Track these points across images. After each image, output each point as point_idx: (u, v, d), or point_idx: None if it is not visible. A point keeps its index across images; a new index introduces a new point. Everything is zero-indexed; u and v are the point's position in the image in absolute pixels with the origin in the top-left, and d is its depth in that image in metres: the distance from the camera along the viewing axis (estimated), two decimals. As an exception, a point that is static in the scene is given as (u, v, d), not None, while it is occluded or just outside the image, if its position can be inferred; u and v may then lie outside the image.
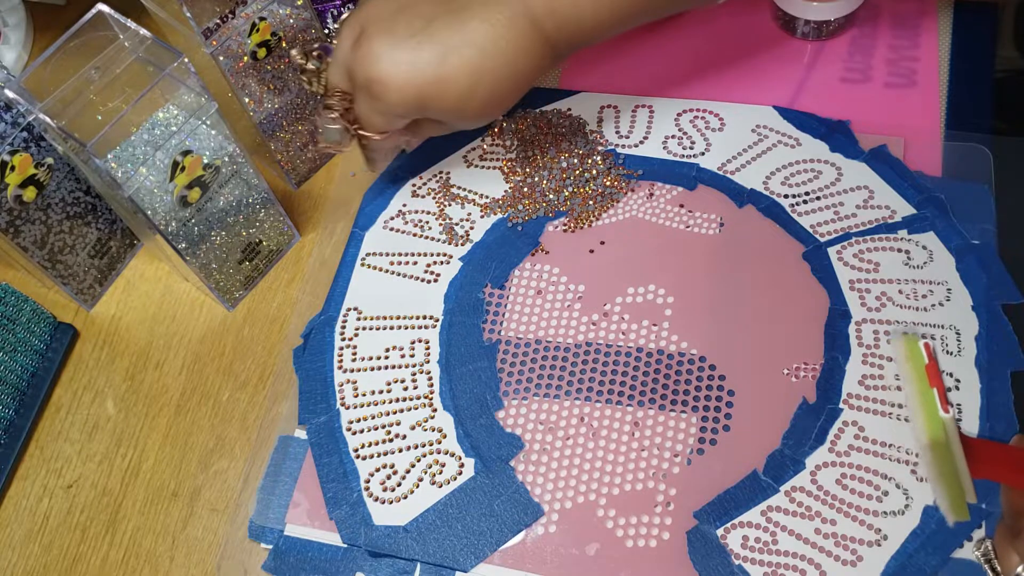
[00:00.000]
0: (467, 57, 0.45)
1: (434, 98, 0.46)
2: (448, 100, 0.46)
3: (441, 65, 0.45)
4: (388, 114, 0.48)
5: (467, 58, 0.45)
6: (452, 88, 0.45)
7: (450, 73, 0.45)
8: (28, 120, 0.50)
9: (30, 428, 0.54)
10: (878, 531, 0.44)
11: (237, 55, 0.52)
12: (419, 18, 0.45)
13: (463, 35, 0.45)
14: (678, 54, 0.62)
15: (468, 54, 0.45)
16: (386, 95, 0.46)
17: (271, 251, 0.58)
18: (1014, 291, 0.49)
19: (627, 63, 0.62)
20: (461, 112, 0.47)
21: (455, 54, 0.45)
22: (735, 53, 0.61)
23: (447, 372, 0.52)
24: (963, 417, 0.46)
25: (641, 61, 0.62)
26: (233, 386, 0.55)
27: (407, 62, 0.45)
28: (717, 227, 0.54)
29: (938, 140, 0.55)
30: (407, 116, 0.49)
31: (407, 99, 0.46)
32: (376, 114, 0.48)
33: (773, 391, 0.49)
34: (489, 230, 0.57)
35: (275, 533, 0.48)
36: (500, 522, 0.47)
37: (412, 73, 0.45)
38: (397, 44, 0.45)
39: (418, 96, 0.46)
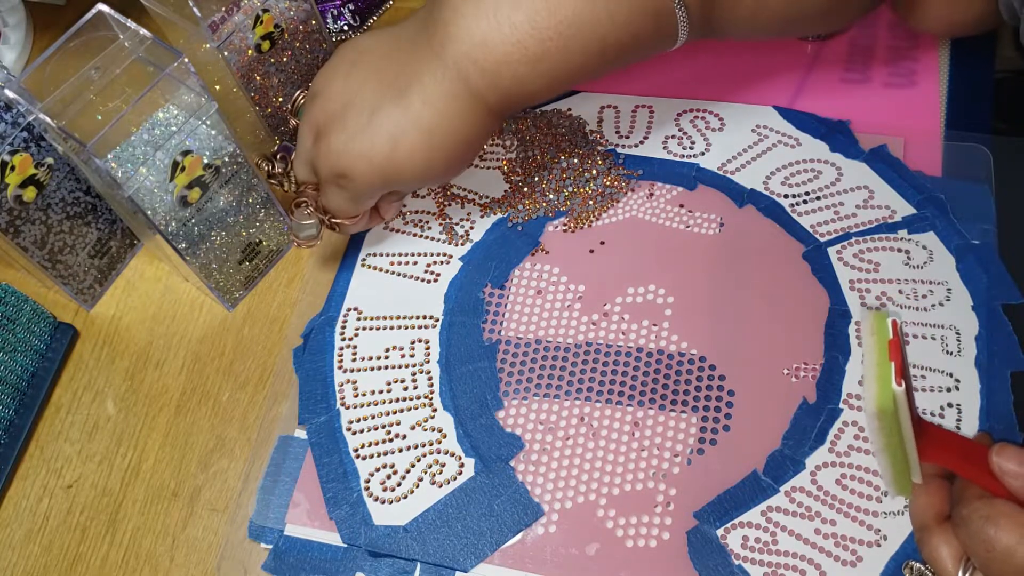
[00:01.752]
0: (415, 140, 0.47)
1: (396, 177, 0.48)
2: (408, 176, 0.48)
3: (394, 152, 0.47)
4: (357, 199, 0.51)
5: (415, 141, 0.47)
6: (408, 168, 0.48)
7: (403, 157, 0.47)
8: (28, 120, 0.50)
9: (30, 428, 0.54)
10: (878, 531, 0.44)
11: (241, 49, 0.52)
12: (366, 109, 0.47)
13: (408, 120, 0.47)
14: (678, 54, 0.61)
15: (415, 138, 0.47)
16: (352, 185, 0.49)
17: (271, 251, 0.58)
18: (1014, 291, 0.49)
19: (627, 63, 0.62)
20: (423, 181, 0.50)
21: (404, 139, 0.47)
22: (735, 53, 0.61)
23: (447, 372, 0.52)
24: (963, 417, 0.46)
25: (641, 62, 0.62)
26: (233, 386, 0.55)
27: (364, 153, 0.47)
28: (717, 227, 0.54)
29: (938, 140, 0.55)
30: (375, 196, 0.51)
31: (372, 184, 0.49)
32: (346, 201, 0.51)
33: (773, 391, 0.49)
34: (489, 230, 0.57)
35: (275, 533, 0.48)
36: (500, 522, 0.47)
37: (370, 162, 0.47)
38: (352, 138, 0.47)
39: (382, 179, 0.48)
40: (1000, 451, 0.37)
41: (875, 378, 0.36)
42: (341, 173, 0.48)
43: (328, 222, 0.53)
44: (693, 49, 0.61)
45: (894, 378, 0.35)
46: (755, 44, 0.61)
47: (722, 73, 0.60)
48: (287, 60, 0.55)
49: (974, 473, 0.37)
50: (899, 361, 0.35)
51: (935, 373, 0.48)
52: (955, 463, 0.38)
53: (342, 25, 0.67)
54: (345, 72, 0.49)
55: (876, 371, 0.36)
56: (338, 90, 0.49)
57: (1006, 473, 0.36)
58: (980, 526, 0.36)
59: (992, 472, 0.37)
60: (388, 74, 0.48)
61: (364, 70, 0.49)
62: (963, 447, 0.38)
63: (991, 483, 0.37)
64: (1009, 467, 0.36)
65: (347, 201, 0.51)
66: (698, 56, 0.61)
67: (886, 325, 0.37)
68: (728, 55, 0.61)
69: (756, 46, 0.61)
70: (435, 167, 0.48)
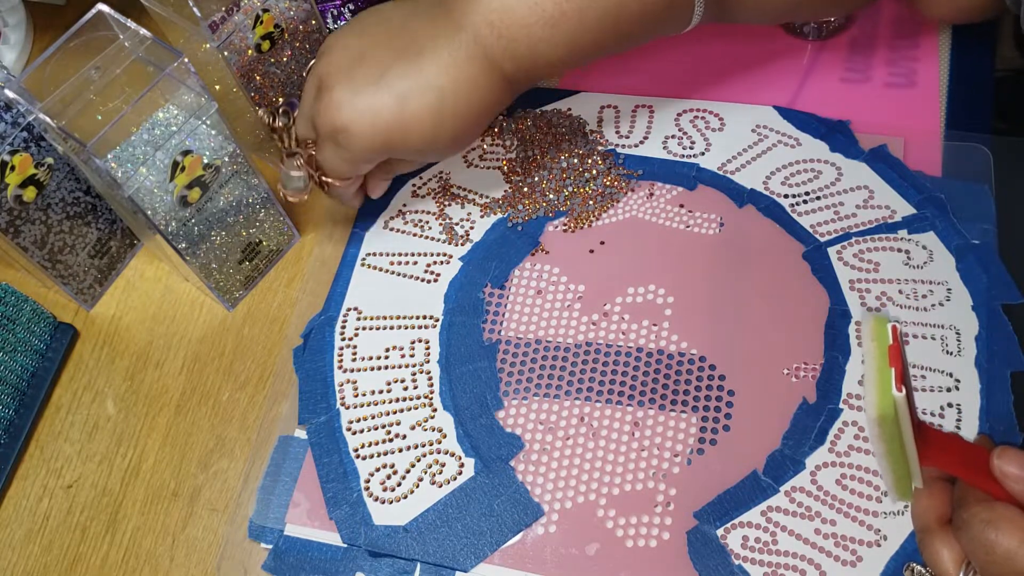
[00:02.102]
0: (427, 100, 0.46)
1: (399, 141, 0.47)
2: (413, 142, 0.47)
3: (402, 110, 0.46)
4: (354, 160, 0.49)
5: (427, 101, 0.46)
6: (415, 130, 0.47)
7: (412, 117, 0.46)
8: (28, 120, 0.50)
9: (30, 428, 0.54)
10: (878, 531, 0.44)
11: (241, 49, 0.52)
12: (377, 65, 0.46)
13: (421, 78, 0.46)
14: (678, 54, 0.62)
15: (428, 97, 0.46)
16: (351, 143, 0.47)
17: (271, 251, 0.58)
18: (1014, 291, 0.49)
19: (627, 63, 0.62)
20: (427, 151, 0.48)
21: (415, 98, 0.46)
22: (735, 53, 0.61)
23: (447, 372, 0.52)
24: (963, 417, 0.46)
25: (641, 61, 0.62)
26: (233, 386, 0.55)
27: (369, 109, 0.46)
28: (717, 227, 0.54)
29: (938, 140, 0.55)
30: (373, 161, 0.50)
31: (373, 145, 0.47)
32: (342, 161, 0.49)
33: (773, 391, 0.49)
34: (489, 230, 0.57)
35: (275, 533, 0.48)
36: (500, 522, 0.47)
37: (375, 120, 0.46)
38: (357, 92, 0.46)
39: (384, 141, 0.47)
40: (1001, 454, 0.37)
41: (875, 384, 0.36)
42: (341, 127, 0.47)
43: (318, 179, 0.51)
44: (693, 48, 0.61)
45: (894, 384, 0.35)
46: (755, 44, 0.61)
47: (722, 73, 0.60)
48: (287, 60, 0.55)
49: (975, 477, 0.37)
50: (899, 367, 0.35)
51: (935, 373, 0.48)
52: (956, 467, 0.38)
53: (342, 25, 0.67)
54: (359, 31, 0.48)
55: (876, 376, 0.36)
56: (349, 45, 0.48)
57: (1007, 476, 0.36)
58: (981, 530, 0.36)
59: (993, 475, 0.37)
60: (404, 37, 0.47)
61: (379, 30, 0.48)
62: (964, 451, 0.38)
63: (992, 487, 0.37)
64: (1010, 470, 0.36)
65: (342, 161, 0.49)
66: (698, 55, 0.61)
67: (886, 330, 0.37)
68: (728, 55, 0.61)
69: (756, 46, 0.61)
70: (442, 134, 0.47)
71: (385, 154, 0.49)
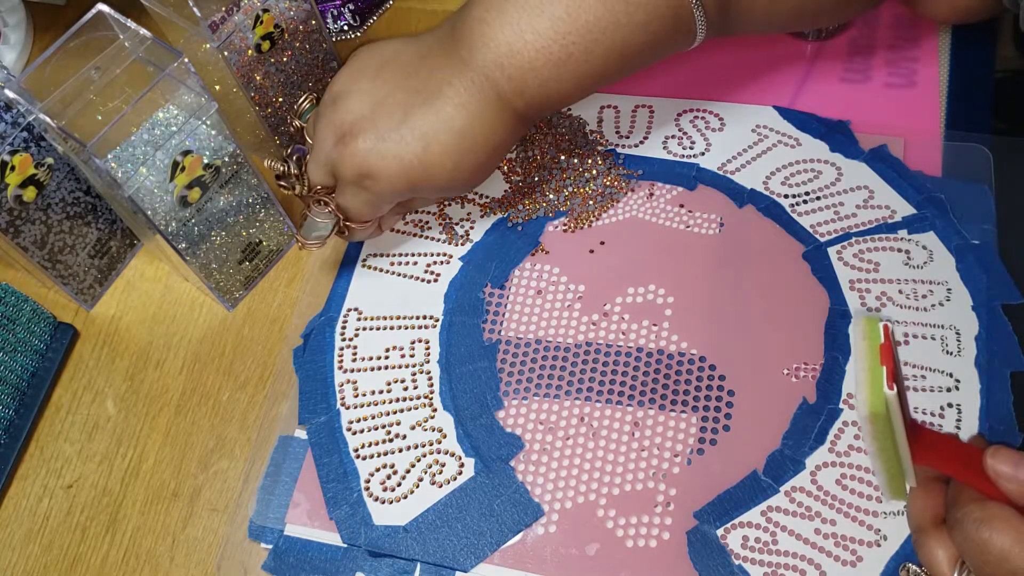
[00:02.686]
0: (447, 142, 0.47)
1: (422, 181, 0.48)
2: (436, 181, 0.49)
3: (425, 153, 0.47)
4: (377, 203, 0.51)
5: (447, 143, 0.47)
6: (438, 171, 0.48)
7: (435, 158, 0.47)
8: (28, 120, 0.50)
9: (30, 428, 0.54)
10: (878, 531, 0.44)
11: (241, 49, 0.52)
12: (398, 110, 0.48)
13: (440, 122, 0.47)
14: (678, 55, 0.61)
15: (448, 140, 0.47)
16: (377, 186, 0.49)
17: (271, 251, 0.58)
18: (1014, 291, 0.49)
19: (627, 63, 0.62)
20: (448, 188, 0.50)
21: (436, 141, 0.47)
22: (735, 53, 0.61)
23: (447, 372, 0.52)
24: (963, 417, 0.46)
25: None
26: (233, 386, 0.55)
27: (394, 155, 0.47)
28: (717, 227, 0.54)
29: (938, 140, 0.55)
30: (394, 202, 0.52)
31: (397, 187, 0.49)
32: (364, 204, 0.51)
33: (773, 391, 0.49)
34: (489, 230, 0.57)
35: (275, 533, 0.48)
36: (500, 522, 0.47)
37: (400, 164, 0.48)
38: (382, 138, 0.47)
39: (407, 182, 0.48)
40: (994, 454, 0.37)
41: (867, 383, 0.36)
42: (367, 173, 0.48)
43: (343, 224, 0.52)
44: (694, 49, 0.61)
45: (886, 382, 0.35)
46: (755, 44, 0.61)
47: (722, 73, 0.60)
48: (287, 60, 0.55)
49: (969, 476, 0.37)
50: (891, 365, 0.35)
51: (935, 373, 0.48)
52: (949, 466, 0.38)
53: (342, 25, 0.67)
54: (372, 75, 0.49)
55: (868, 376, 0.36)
56: (366, 91, 0.49)
57: (1000, 476, 0.36)
58: (974, 529, 0.36)
59: (987, 475, 0.37)
60: (418, 79, 0.48)
61: (392, 74, 0.49)
62: (957, 450, 0.39)
63: (986, 486, 0.37)
64: (1003, 470, 0.36)
65: (365, 204, 0.50)
66: (698, 56, 0.61)
67: (878, 329, 0.37)
68: (728, 55, 0.61)
69: (756, 46, 0.61)
70: (462, 171, 0.48)
71: (408, 194, 0.50)
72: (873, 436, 0.37)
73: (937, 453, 0.38)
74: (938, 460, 0.38)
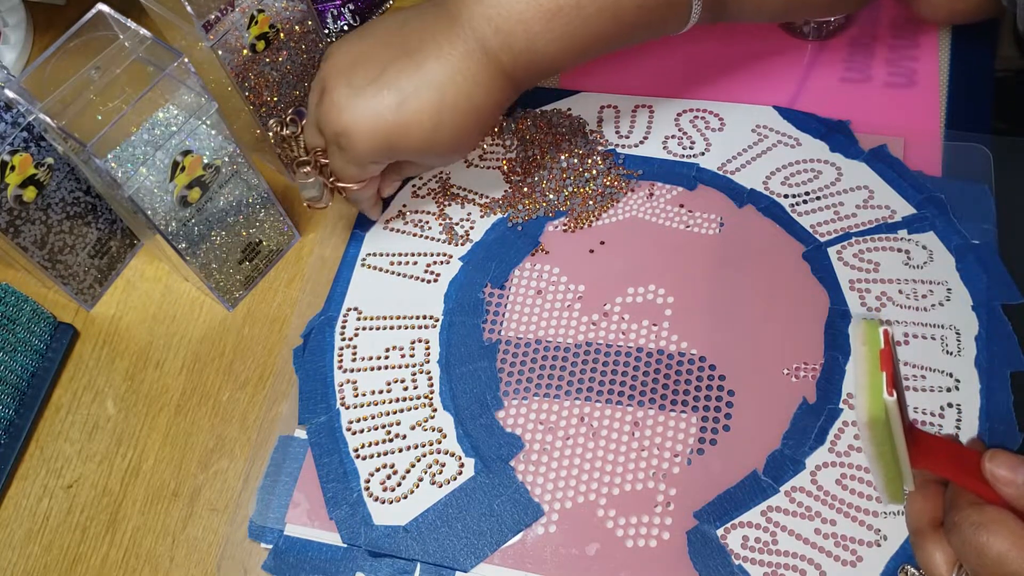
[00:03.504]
0: (426, 98, 0.46)
1: (400, 141, 0.47)
2: (413, 141, 0.47)
3: (401, 108, 0.46)
4: (359, 163, 0.49)
5: (426, 99, 0.46)
6: (416, 129, 0.46)
7: (412, 115, 0.46)
8: (28, 120, 0.50)
9: (30, 428, 0.54)
10: (878, 531, 0.44)
11: (236, 48, 0.52)
12: (376, 65, 0.46)
13: (420, 76, 0.46)
14: (678, 54, 0.62)
15: (427, 95, 0.46)
16: (353, 145, 0.47)
17: (271, 251, 0.58)
18: (1014, 291, 0.49)
19: (627, 63, 0.62)
20: (428, 151, 0.48)
21: (414, 96, 0.46)
22: (735, 53, 0.61)
23: (447, 372, 0.52)
24: (963, 417, 0.46)
25: (641, 61, 0.62)
26: (233, 386, 0.55)
27: (368, 110, 0.46)
28: (717, 227, 0.54)
29: (938, 140, 0.55)
30: (378, 162, 0.50)
31: (374, 146, 0.47)
32: (348, 164, 0.49)
33: (773, 391, 0.49)
34: (489, 230, 0.57)
35: (275, 533, 0.48)
36: (500, 522, 0.47)
37: (375, 120, 0.46)
38: (356, 93, 0.46)
39: (384, 141, 0.47)
40: (992, 457, 0.37)
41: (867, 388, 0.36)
42: (342, 130, 0.47)
43: (332, 184, 0.51)
44: (694, 48, 0.62)
45: (885, 389, 0.35)
46: (755, 44, 0.61)
47: (722, 73, 0.60)
48: (282, 60, 0.55)
49: (967, 479, 0.37)
50: (890, 371, 0.35)
51: (935, 373, 0.48)
52: (947, 470, 0.38)
53: (342, 25, 0.67)
54: (360, 35, 0.49)
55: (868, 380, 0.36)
56: (350, 48, 0.48)
57: (998, 480, 0.36)
58: (972, 532, 0.36)
59: (984, 479, 0.37)
60: (402, 35, 0.47)
61: (379, 32, 0.48)
62: (955, 454, 0.38)
63: (984, 489, 0.37)
64: (1001, 473, 0.36)
65: (347, 163, 0.49)
66: (698, 55, 0.61)
67: (877, 334, 0.37)
68: (728, 55, 0.61)
69: (756, 46, 0.61)
70: (441, 133, 0.47)
71: (388, 155, 0.49)
72: (872, 441, 0.37)
73: (935, 457, 0.38)
74: (936, 464, 0.38)
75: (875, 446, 0.37)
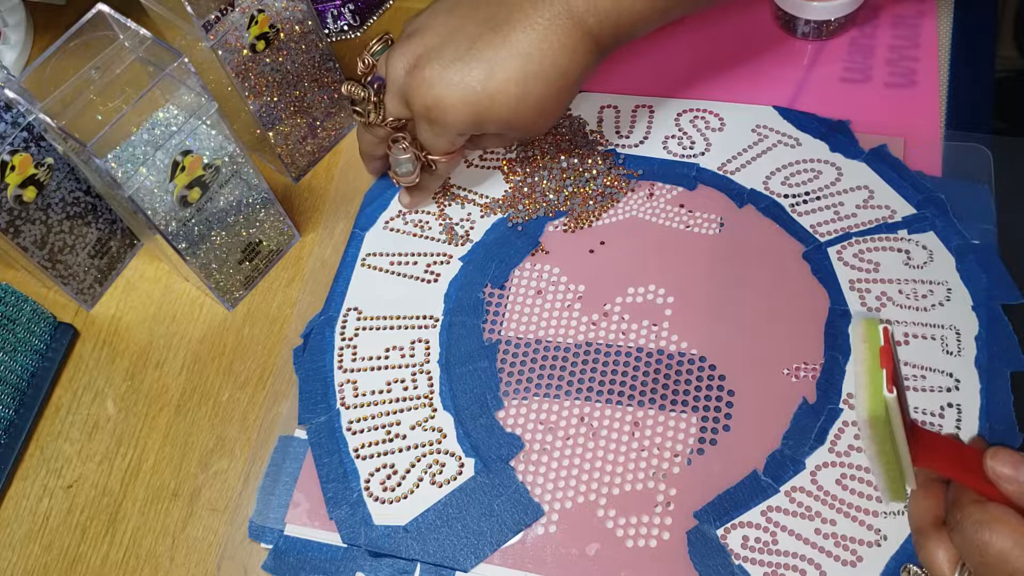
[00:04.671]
0: (513, 67, 0.47)
1: (489, 111, 0.48)
2: (502, 111, 0.48)
3: (489, 79, 0.47)
4: (448, 135, 0.50)
5: (513, 68, 0.47)
6: (502, 99, 0.48)
7: (499, 85, 0.47)
8: (28, 120, 0.50)
9: (30, 428, 0.54)
10: (878, 531, 0.44)
11: (236, 48, 0.52)
12: (465, 39, 0.48)
13: (507, 47, 0.47)
14: (678, 54, 0.62)
15: (514, 64, 0.47)
16: (444, 117, 0.48)
17: (271, 251, 0.58)
18: (1014, 291, 0.49)
19: (627, 63, 0.62)
20: (515, 120, 0.49)
21: (501, 66, 0.47)
22: (735, 53, 0.61)
23: (447, 372, 0.52)
24: (963, 417, 0.46)
25: (641, 61, 0.62)
26: (233, 386, 0.55)
27: (458, 83, 0.47)
28: (717, 227, 0.54)
29: (938, 140, 0.55)
30: (466, 133, 0.51)
31: (464, 117, 0.48)
32: (438, 137, 0.50)
33: (773, 391, 0.49)
34: (489, 230, 0.57)
35: (275, 533, 0.48)
36: (500, 522, 0.47)
37: (464, 92, 0.47)
38: (447, 67, 0.47)
39: (474, 113, 0.48)
40: (994, 455, 0.37)
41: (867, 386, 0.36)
42: (433, 103, 0.48)
43: (424, 159, 0.52)
44: (694, 48, 0.62)
45: (885, 386, 0.35)
46: (755, 44, 0.61)
47: (722, 73, 0.60)
48: (283, 60, 0.55)
49: (968, 477, 0.37)
50: (890, 368, 0.35)
51: (935, 373, 0.48)
52: (949, 468, 0.38)
53: (342, 25, 0.67)
54: (447, 9, 0.50)
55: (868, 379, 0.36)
56: (439, 24, 0.49)
57: (1000, 477, 0.36)
58: (974, 531, 0.36)
59: (986, 476, 0.37)
60: (488, 9, 0.48)
61: (466, 7, 0.49)
62: (957, 452, 0.38)
63: (985, 487, 0.37)
64: (1003, 471, 0.36)
65: (437, 136, 0.50)
66: (698, 55, 0.61)
67: (877, 332, 0.37)
68: (728, 55, 0.61)
69: (756, 46, 0.61)
70: (528, 101, 0.48)
71: (476, 126, 0.50)
72: (872, 439, 0.37)
73: (936, 455, 0.38)
74: (938, 462, 0.38)
75: (876, 444, 0.37)
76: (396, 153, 0.52)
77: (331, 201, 0.60)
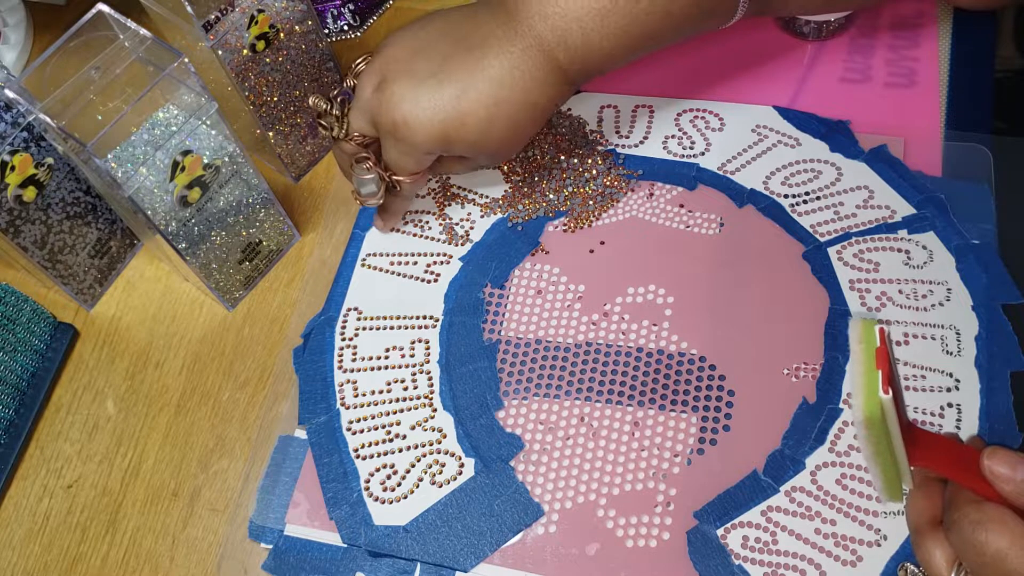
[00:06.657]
0: (484, 91, 0.47)
1: (458, 132, 0.48)
2: (470, 133, 0.48)
3: (460, 100, 0.47)
4: (415, 154, 0.49)
5: (484, 92, 0.47)
6: (472, 121, 0.47)
7: (469, 107, 0.47)
8: (28, 120, 0.50)
9: (30, 428, 0.54)
10: (878, 531, 0.44)
11: (236, 48, 0.52)
12: (436, 57, 0.47)
13: (479, 71, 0.47)
14: (678, 54, 0.62)
15: (485, 88, 0.47)
16: (411, 136, 0.48)
17: (271, 251, 0.58)
18: (1014, 291, 0.49)
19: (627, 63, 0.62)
20: (482, 144, 0.49)
21: (473, 89, 0.47)
22: (735, 53, 0.61)
23: (447, 372, 0.52)
24: (963, 417, 0.46)
25: (641, 61, 0.62)
26: (233, 386, 0.55)
27: (428, 102, 0.47)
28: (717, 227, 0.54)
29: (938, 140, 0.55)
30: (433, 153, 0.50)
31: (432, 137, 0.48)
32: (404, 155, 0.50)
33: (773, 391, 0.49)
34: (489, 230, 0.57)
35: (275, 533, 0.48)
36: (500, 522, 0.47)
37: (434, 111, 0.47)
38: (417, 85, 0.47)
39: (441, 132, 0.48)
40: (991, 455, 0.37)
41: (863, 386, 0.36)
42: (401, 121, 0.47)
43: (389, 179, 0.52)
44: (693, 48, 0.62)
45: (881, 387, 0.35)
46: (755, 44, 0.61)
47: (722, 73, 0.60)
48: (282, 60, 0.55)
49: (966, 477, 0.37)
50: (886, 369, 0.35)
51: (935, 373, 0.48)
52: (946, 468, 0.38)
53: (342, 25, 0.67)
54: (419, 27, 0.49)
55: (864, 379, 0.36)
56: (409, 40, 0.49)
57: (997, 477, 0.36)
58: (971, 531, 0.36)
59: (983, 476, 0.37)
60: (462, 30, 0.48)
61: (438, 25, 0.49)
62: (954, 452, 0.38)
63: (983, 487, 0.37)
64: (1000, 471, 0.36)
65: (403, 155, 0.50)
66: (698, 55, 0.61)
67: (873, 333, 0.37)
68: (728, 55, 0.61)
69: (756, 46, 0.61)
70: (495, 127, 0.47)
71: (443, 147, 0.49)
72: (869, 439, 0.37)
73: (934, 455, 0.38)
74: (935, 462, 0.38)
75: (872, 445, 0.37)
76: (359, 172, 0.51)
77: (331, 201, 0.60)
